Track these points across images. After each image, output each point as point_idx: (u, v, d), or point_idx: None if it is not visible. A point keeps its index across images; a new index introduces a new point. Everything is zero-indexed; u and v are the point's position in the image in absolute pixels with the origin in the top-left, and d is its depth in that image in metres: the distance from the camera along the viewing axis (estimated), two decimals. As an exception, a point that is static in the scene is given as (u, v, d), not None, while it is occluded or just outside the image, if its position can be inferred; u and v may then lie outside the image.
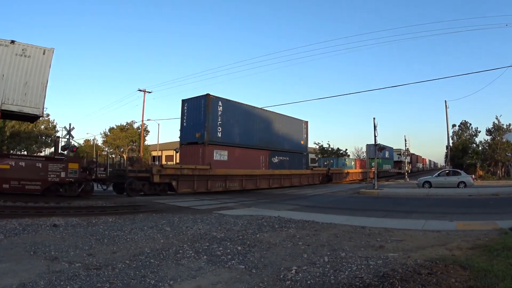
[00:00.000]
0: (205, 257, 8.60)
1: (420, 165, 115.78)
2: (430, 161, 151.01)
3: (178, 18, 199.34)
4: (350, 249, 9.32)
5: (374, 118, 37.07)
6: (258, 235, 11.37)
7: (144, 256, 8.59)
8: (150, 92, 58.98)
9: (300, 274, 7.06)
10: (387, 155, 75.45)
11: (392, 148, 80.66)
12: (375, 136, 38.07)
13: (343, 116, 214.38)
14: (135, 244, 10.06)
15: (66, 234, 11.23)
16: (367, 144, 56.70)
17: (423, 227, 13.00)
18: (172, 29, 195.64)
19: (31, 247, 9.31)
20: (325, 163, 61.05)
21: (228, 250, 9.24)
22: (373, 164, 45.40)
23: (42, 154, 63.16)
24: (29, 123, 61.91)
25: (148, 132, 74.99)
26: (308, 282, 6.63)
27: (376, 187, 34.30)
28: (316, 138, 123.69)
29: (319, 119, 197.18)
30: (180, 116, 33.79)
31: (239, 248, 9.55)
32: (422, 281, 6.33)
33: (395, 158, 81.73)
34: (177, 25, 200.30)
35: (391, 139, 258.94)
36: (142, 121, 61.94)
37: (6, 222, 12.89)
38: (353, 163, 72.48)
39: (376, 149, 38.55)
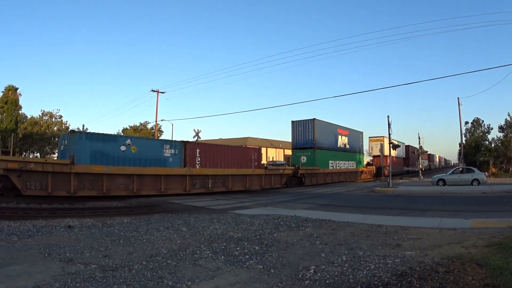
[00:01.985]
0: (222, 257, 8.51)
1: (433, 163, 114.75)
2: (443, 158, 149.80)
3: (192, 18, 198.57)
4: (367, 248, 9.26)
5: (388, 116, 37.14)
6: (275, 235, 11.28)
7: (161, 257, 8.49)
8: (163, 93, 58.75)
9: (319, 274, 6.99)
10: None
11: (404, 143, 79.01)
12: (389, 134, 38.12)
13: (351, 114, 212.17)
14: (151, 244, 9.97)
15: (81, 235, 11.13)
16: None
17: (438, 225, 12.96)
18: (185, 30, 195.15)
19: (46, 248, 9.19)
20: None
21: (246, 250, 9.17)
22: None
23: (55, 155, 63.41)
24: (41, 125, 62.41)
25: (162, 132, 74.72)
26: (327, 281, 6.56)
27: (390, 185, 33.99)
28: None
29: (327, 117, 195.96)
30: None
31: (257, 248, 9.48)
32: (440, 279, 6.26)
33: (403, 155, 79.57)
34: (191, 25, 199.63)
35: (401, 135, 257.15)
36: (156, 121, 61.69)
37: (19, 223, 12.82)
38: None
39: (390, 147, 38.32)
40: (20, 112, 60.09)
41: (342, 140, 54.50)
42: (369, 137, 70.48)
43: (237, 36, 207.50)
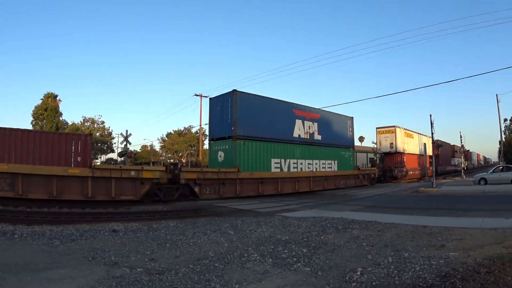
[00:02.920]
0: (270, 260, 8.49)
1: (471, 162, 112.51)
2: (482, 156, 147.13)
3: (237, 19, 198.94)
4: (412, 249, 9.24)
5: (430, 115, 36.17)
6: (322, 237, 11.27)
7: (208, 260, 8.45)
8: (206, 97, 58.68)
9: (365, 276, 6.99)
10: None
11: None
12: (432, 134, 37.65)
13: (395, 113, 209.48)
14: (198, 248, 9.95)
15: (126, 239, 11.16)
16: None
17: (480, 225, 12.87)
18: (229, 33, 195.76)
19: (89, 252, 9.23)
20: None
21: (293, 253, 9.14)
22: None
23: (98, 160, 64.30)
24: (83, 131, 63.49)
25: (207, 136, 75.57)
26: (373, 283, 6.58)
27: (434, 185, 33.45)
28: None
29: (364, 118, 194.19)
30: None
31: (304, 250, 9.44)
32: (481, 280, 6.28)
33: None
34: (235, 28, 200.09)
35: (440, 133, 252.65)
36: (200, 125, 62.02)
37: (62, 228, 12.89)
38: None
39: (433, 147, 37.87)
40: (61, 118, 61.26)
41: (306, 128, 34.38)
42: (377, 128, 55.57)
43: (284, 37, 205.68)
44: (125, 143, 45.79)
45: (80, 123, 69.11)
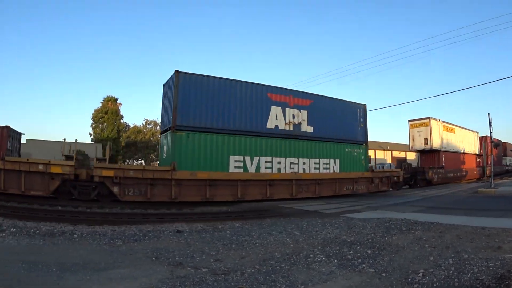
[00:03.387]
0: (336, 261, 8.60)
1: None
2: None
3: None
4: (471, 251, 9.29)
5: (488, 114, 35.44)
6: (386, 238, 11.37)
7: (274, 261, 8.52)
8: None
9: (427, 277, 7.10)
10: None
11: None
12: (490, 132, 36.25)
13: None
14: (264, 249, 10.02)
15: (191, 240, 11.32)
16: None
17: None
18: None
19: (153, 252, 9.40)
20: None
21: (358, 254, 9.26)
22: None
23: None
24: (145, 133, 64.74)
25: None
26: (434, 285, 6.69)
27: (492, 186, 32.64)
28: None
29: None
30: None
31: (369, 251, 9.54)
32: None
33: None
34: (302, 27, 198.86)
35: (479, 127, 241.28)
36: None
37: (124, 228, 13.15)
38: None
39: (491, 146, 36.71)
40: (122, 121, 62.53)
41: (289, 117, 26.26)
42: (409, 121, 45.77)
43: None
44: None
45: (142, 125, 70.33)
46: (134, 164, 60.83)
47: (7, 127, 25.87)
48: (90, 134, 60.45)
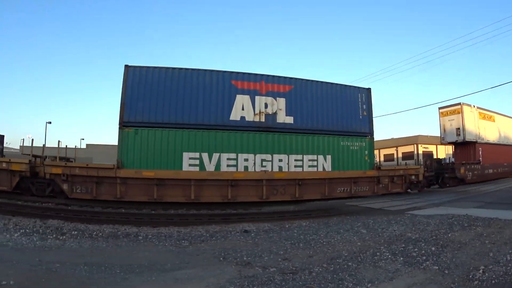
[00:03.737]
0: (401, 258, 8.69)
1: None
2: None
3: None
4: None
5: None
6: (449, 235, 11.33)
7: (342, 259, 8.66)
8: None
9: (487, 274, 7.15)
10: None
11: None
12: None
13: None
14: (331, 247, 10.17)
15: (259, 240, 11.54)
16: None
17: None
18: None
19: (220, 253, 9.62)
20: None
21: (423, 251, 9.28)
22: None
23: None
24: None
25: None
26: (493, 281, 6.76)
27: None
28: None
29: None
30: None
31: (433, 248, 9.57)
32: None
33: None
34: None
35: None
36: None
37: (190, 229, 13.41)
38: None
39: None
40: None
41: (260, 107, 22.98)
42: (439, 109, 37.13)
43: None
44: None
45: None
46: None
47: None
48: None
